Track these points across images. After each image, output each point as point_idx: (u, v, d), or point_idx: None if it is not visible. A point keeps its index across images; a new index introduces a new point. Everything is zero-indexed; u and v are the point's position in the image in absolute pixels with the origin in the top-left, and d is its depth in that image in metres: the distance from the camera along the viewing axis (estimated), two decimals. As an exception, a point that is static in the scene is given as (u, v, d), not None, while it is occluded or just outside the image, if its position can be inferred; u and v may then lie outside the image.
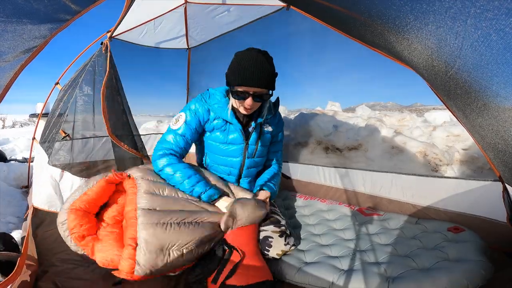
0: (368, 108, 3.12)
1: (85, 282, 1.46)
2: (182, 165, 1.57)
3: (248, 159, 1.74)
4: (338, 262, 1.39)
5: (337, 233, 1.70)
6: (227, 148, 1.70)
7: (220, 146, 1.70)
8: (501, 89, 0.68)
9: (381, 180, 2.03)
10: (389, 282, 1.19)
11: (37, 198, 2.06)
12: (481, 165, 1.78)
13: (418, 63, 1.00)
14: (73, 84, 2.37)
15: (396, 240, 1.53)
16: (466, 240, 1.37)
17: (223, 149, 1.70)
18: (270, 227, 1.54)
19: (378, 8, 0.88)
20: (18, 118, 21.90)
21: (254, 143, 1.71)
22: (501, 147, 0.93)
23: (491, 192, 1.52)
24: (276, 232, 1.52)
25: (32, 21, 0.68)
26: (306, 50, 2.99)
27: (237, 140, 1.68)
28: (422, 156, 2.02)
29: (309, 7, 1.72)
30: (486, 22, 0.57)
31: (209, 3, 2.57)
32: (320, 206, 2.07)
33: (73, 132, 2.19)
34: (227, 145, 1.70)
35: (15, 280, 1.21)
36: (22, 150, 5.64)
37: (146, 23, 2.79)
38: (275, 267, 1.43)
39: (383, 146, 2.23)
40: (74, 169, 2.13)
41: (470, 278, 1.12)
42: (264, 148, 1.81)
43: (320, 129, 2.68)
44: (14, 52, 0.70)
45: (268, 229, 1.53)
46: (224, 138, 1.68)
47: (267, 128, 1.76)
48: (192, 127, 1.64)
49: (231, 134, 1.67)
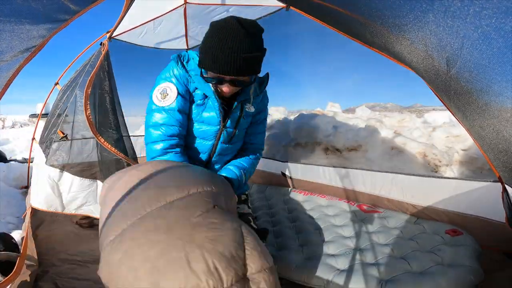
0: (368, 109, 3.12)
1: (85, 282, 1.46)
2: None
3: (222, 144, 1.44)
4: (335, 261, 1.39)
5: (336, 229, 1.70)
6: (199, 128, 1.39)
7: (190, 124, 1.39)
8: (503, 88, 0.68)
9: (381, 180, 2.02)
10: (382, 284, 1.20)
11: (36, 198, 2.05)
12: (481, 165, 1.78)
13: (418, 63, 0.99)
14: (73, 84, 2.37)
15: (394, 240, 1.53)
16: (462, 244, 1.38)
17: (195, 128, 1.40)
18: None
19: (378, 8, 0.88)
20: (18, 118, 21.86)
21: (232, 126, 1.41)
22: (502, 147, 0.93)
23: (491, 193, 1.52)
24: None
25: (30, 21, 0.68)
26: (306, 51, 3.00)
27: (212, 120, 1.37)
28: (422, 157, 2.01)
29: (309, 8, 1.72)
30: (486, 21, 0.57)
31: (208, 4, 2.57)
32: (320, 201, 2.07)
33: (72, 133, 2.18)
34: (200, 124, 1.39)
35: (15, 280, 1.21)
36: (22, 151, 5.64)
37: (146, 24, 2.79)
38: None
39: (383, 147, 2.22)
40: (73, 169, 2.13)
41: (459, 284, 1.14)
42: (243, 132, 1.53)
43: (320, 130, 2.68)
44: (12, 52, 0.70)
45: None
46: (197, 115, 1.37)
47: (249, 109, 1.43)
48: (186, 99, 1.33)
49: (206, 111, 1.36)
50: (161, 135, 1.29)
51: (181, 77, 1.31)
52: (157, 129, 1.30)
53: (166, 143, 1.30)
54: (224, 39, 1.08)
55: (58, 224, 2.19)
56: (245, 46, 1.08)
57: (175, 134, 1.30)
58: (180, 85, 1.30)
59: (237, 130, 1.43)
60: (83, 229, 2.15)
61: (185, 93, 1.32)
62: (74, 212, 2.12)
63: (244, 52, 1.08)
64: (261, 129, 1.62)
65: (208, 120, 1.37)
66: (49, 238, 1.95)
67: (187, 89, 1.33)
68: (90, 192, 2.11)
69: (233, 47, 1.07)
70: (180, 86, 1.30)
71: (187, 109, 1.34)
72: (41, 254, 1.70)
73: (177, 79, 1.31)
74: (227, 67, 1.10)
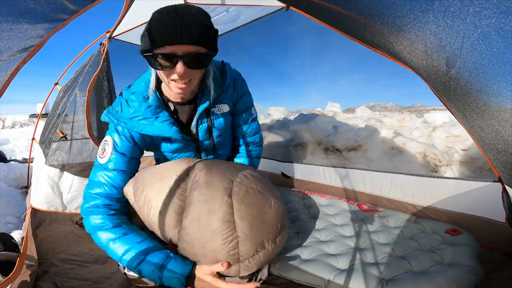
0: (368, 109, 3.12)
1: (85, 282, 1.46)
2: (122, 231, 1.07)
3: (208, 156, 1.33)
4: (336, 261, 1.39)
5: (336, 229, 1.70)
6: (176, 156, 1.30)
7: (168, 155, 1.31)
8: (503, 88, 0.68)
9: (381, 180, 2.02)
10: (383, 284, 1.20)
11: (36, 198, 2.06)
12: (481, 165, 1.78)
13: (418, 63, 0.99)
14: (73, 84, 2.37)
15: (394, 239, 1.53)
16: (462, 244, 1.38)
17: (173, 157, 1.31)
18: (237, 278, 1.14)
19: (377, 7, 0.88)
20: (18, 118, 21.94)
21: (207, 138, 1.27)
22: (501, 147, 0.93)
23: (491, 193, 1.52)
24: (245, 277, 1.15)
25: (28, 21, 0.68)
26: (305, 51, 3.02)
27: (182, 148, 1.26)
28: (422, 157, 2.01)
29: (309, 8, 1.71)
30: (486, 21, 0.57)
31: (208, 4, 2.57)
32: (320, 201, 2.07)
33: (72, 133, 2.18)
34: (174, 154, 1.30)
35: (15, 280, 1.21)
36: (22, 151, 5.65)
37: (146, 24, 2.79)
38: (272, 263, 1.42)
39: (383, 147, 2.22)
40: (73, 169, 2.13)
41: (460, 283, 1.14)
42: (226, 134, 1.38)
43: (319, 130, 2.68)
44: (10, 51, 0.70)
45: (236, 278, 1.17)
46: (168, 147, 1.25)
47: (219, 110, 1.25)
48: (127, 153, 1.16)
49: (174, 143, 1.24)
50: (89, 193, 1.14)
51: (121, 130, 1.15)
52: (89, 186, 1.16)
53: (93, 203, 1.12)
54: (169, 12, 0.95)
55: (58, 224, 2.19)
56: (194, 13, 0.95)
57: (107, 195, 1.13)
58: (121, 140, 1.15)
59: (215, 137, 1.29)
60: (83, 229, 2.14)
61: (126, 148, 1.16)
62: (75, 211, 2.12)
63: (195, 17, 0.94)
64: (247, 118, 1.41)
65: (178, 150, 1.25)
66: (49, 238, 1.95)
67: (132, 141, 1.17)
68: (90, 192, 2.11)
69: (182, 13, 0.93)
70: (121, 141, 1.15)
71: (127, 165, 1.16)
72: (41, 254, 1.70)
73: (117, 133, 1.16)
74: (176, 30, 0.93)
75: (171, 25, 0.92)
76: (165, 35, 0.94)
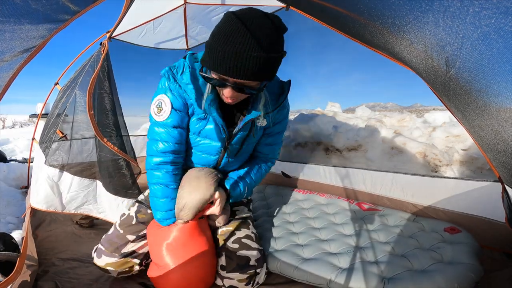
0: (368, 109, 3.12)
1: (85, 282, 1.46)
2: None
3: (227, 158, 1.36)
4: (337, 260, 1.39)
5: (336, 227, 1.70)
6: (201, 142, 1.29)
7: (193, 137, 1.29)
8: (502, 88, 0.68)
9: (382, 179, 2.03)
10: (384, 282, 1.21)
11: (35, 198, 2.05)
12: (481, 165, 1.78)
13: (418, 63, 0.99)
14: (73, 84, 2.37)
15: (394, 238, 1.54)
16: (461, 242, 1.38)
17: (197, 142, 1.29)
18: (236, 274, 1.25)
19: (377, 8, 0.88)
20: (18, 118, 21.94)
21: (238, 143, 1.31)
22: (501, 147, 0.93)
23: (491, 193, 1.52)
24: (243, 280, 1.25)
25: (30, 21, 0.68)
26: (306, 51, 2.99)
27: (214, 135, 1.25)
28: (422, 157, 2.02)
29: (309, 8, 1.72)
30: (486, 21, 0.57)
31: (208, 4, 2.57)
32: (319, 200, 2.08)
33: (71, 133, 2.18)
34: (200, 138, 1.28)
35: (15, 280, 1.21)
36: (22, 151, 5.64)
37: (146, 24, 2.79)
38: (272, 263, 1.43)
39: (383, 146, 2.22)
40: (73, 169, 2.13)
41: (460, 282, 1.15)
42: (252, 145, 1.43)
43: (320, 129, 2.68)
44: (12, 52, 0.71)
45: (234, 277, 1.25)
46: (198, 128, 1.25)
47: (261, 123, 1.24)
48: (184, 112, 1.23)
49: (209, 124, 1.24)
50: (156, 150, 1.25)
51: (175, 90, 1.19)
52: (154, 143, 1.27)
53: (160, 159, 1.26)
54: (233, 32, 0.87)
55: (58, 224, 2.19)
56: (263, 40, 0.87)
57: (169, 151, 1.25)
58: (175, 99, 1.20)
59: (244, 145, 1.34)
60: (83, 229, 2.15)
61: (182, 107, 1.21)
62: (74, 211, 2.12)
63: (260, 49, 0.86)
64: (275, 140, 1.46)
65: (210, 135, 1.26)
66: (49, 238, 1.95)
67: (184, 103, 1.21)
68: (89, 192, 2.12)
69: (244, 42, 0.85)
70: (175, 100, 1.20)
71: (185, 123, 1.24)
72: (41, 254, 1.70)
73: (171, 92, 1.20)
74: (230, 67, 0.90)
75: (231, 58, 0.88)
76: (222, 69, 0.92)
